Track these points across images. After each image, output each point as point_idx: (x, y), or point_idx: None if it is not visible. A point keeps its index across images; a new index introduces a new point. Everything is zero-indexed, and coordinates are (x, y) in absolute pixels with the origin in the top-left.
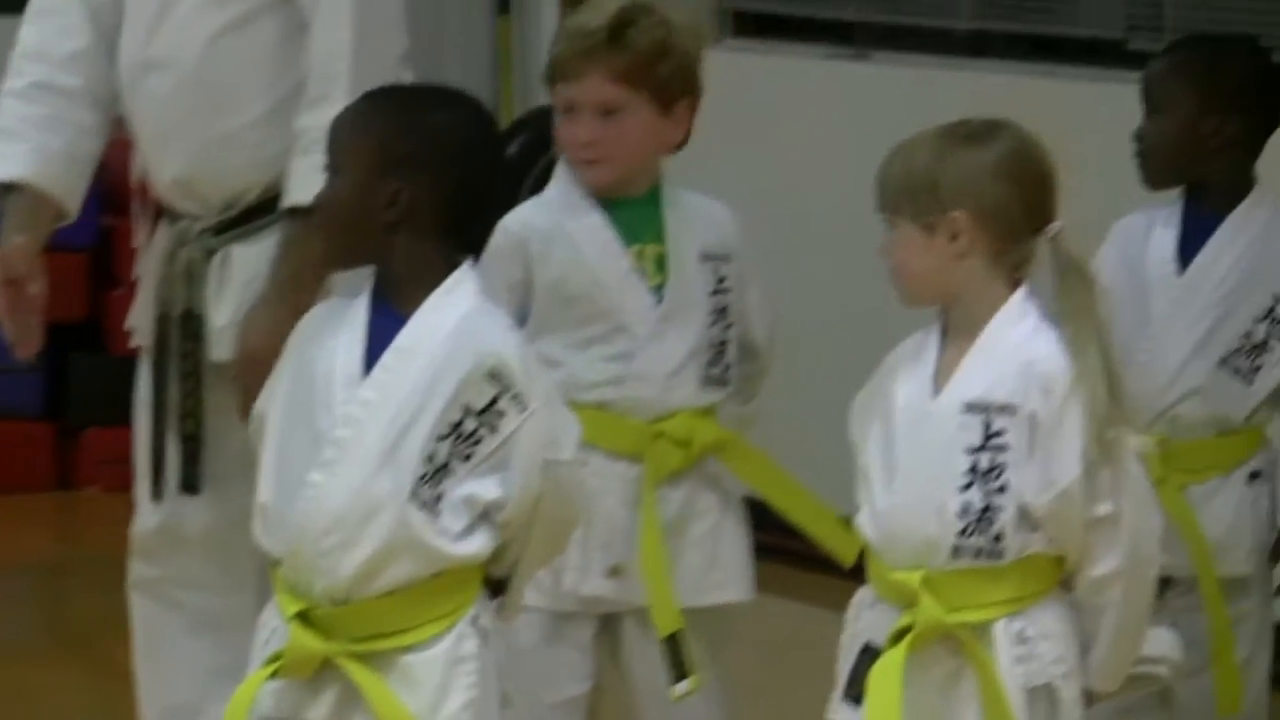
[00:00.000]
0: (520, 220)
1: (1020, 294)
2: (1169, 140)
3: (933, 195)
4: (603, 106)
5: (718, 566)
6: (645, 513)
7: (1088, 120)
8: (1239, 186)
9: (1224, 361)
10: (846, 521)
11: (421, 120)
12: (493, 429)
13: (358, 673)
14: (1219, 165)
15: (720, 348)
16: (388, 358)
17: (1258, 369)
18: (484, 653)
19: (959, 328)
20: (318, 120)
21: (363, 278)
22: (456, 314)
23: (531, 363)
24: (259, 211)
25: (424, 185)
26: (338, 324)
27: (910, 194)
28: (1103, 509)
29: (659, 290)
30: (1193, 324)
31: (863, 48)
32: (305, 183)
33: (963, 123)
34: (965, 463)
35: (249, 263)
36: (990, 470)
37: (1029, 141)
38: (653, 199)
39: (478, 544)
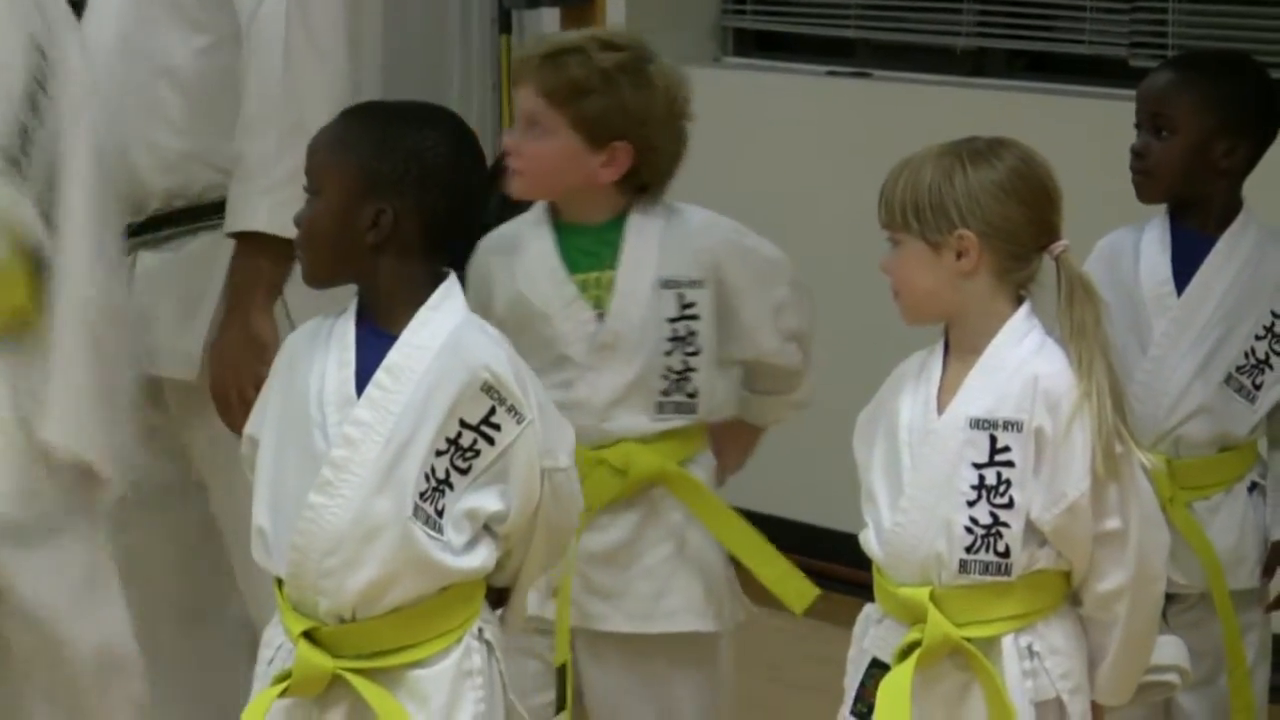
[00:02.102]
0: (489, 241)
1: (1024, 311)
2: (1178, 160)
3: (940, 213)
4: (528, 117)
5: (671, 595)
6: (573, 538)
7: (1089, 137)
8: (1230, 206)
9: (1228, 380)
10: (800, 568)
11: (401, 139)
12: (490, 441)
13: (367, 689)
14: (1220, 186)
15: (681, 375)
16: (380, 376)
17: (1259, 386)
18: (490, 665)
19: (962, 345)
20: (254, 147)
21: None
22: (446, 329)
23: (524, 373)
24: (164, 221)
25: (406, 205)
26: (324, 345)
27: (917, 211)
28: (1110, 524)
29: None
30: (1194, 344)
31: (863, 65)
32: (240, 209)
33: (968, 140)
34: (971, 478)
35: (150, 271)
36: (996, 486)
37: (1034, 159)
38: (616, 225)
39: (481, 557)
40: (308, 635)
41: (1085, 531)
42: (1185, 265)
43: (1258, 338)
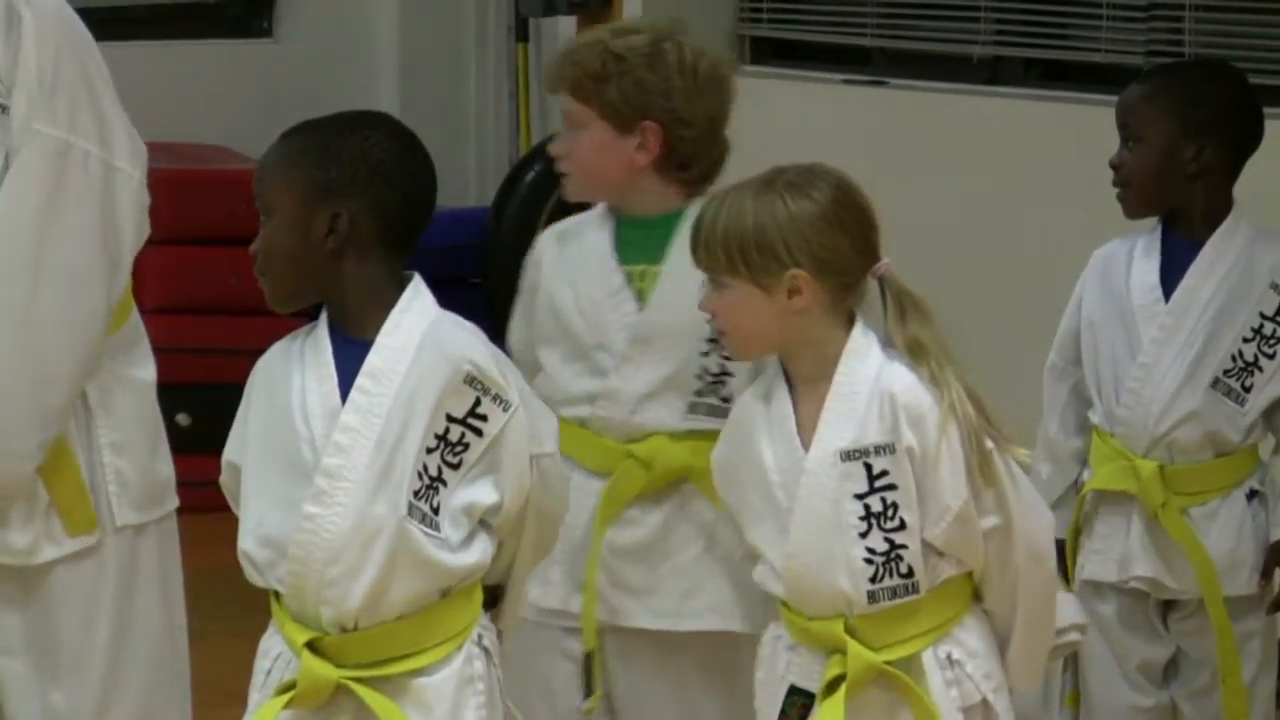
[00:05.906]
0: (550, 231)
1: (858, 330)
2: (1148, 168)
3: (770, 254)
4: (568, 118)
5: (700, 594)
6: (596, 530)
7: (1105, 146)
8: (1217, 211)
9: (1215, 384)
10: None
11: (345, 143)
12: (479, 433)
13: (371, 698)
14: (1197, 191)
15: (717, 378)
16: (363, 381)
17: (1248, 389)
18: (490, 671)
19: (806, 374)
20: None
21: None
22: (420, 328)
23: (503, 361)
24: None
25: (361, 205)
26: (299, 361)
27: (744, 254)
28: (990, 521)
29: None
30: (1182, 350)
31: (879, 74)
32: None
33: (778, 172)
34: (858, 510)
35: None
36: (884, 511)
37: (849, 184)
38: (672, 220)
39: (478, 553)
40: (310, 645)
41: (975, 534)
42: (1174, 272)
43: (1245, 340)
